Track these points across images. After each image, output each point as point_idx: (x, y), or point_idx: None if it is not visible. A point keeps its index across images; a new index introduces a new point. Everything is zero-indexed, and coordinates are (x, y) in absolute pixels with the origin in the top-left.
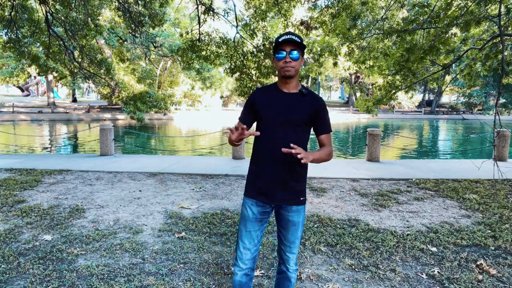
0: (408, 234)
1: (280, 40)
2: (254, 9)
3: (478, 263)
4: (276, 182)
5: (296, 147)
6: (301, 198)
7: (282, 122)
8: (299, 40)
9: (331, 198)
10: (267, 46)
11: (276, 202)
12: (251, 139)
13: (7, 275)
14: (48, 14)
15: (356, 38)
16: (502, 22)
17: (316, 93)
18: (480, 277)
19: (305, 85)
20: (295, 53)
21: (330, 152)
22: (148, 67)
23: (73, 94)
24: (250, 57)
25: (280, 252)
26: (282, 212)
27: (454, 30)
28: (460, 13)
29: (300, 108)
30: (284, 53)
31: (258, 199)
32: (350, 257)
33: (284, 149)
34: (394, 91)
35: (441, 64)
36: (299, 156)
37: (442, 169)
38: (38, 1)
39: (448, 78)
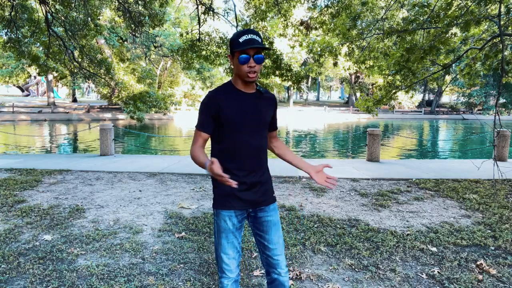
0: (408, 234)
1: (241, 40)
2: (254, 9)
3: (478, 263)
4: (252, 186)
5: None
6: (273, 195)
7: (251, 125)
8: (261, 40)
9: (331, 198)
10: (267, 46)
11: (256, 206)
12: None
13: (7, 275)
14: (48, 14)
15: (356, 38)
16: (502, 22)
17: (270, 90)
18: (480, 277)
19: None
20: (260, 56)
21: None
22: (148, 67)
23: (73, 94)
24: None
25: (266, 259)
26: (260, 215)
27: (454, 30)
28: (460, 13)
29: (266, 109)
30: (249, 56)
31: (236, 208)
32: (350, 257)
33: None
34: (394, 91)
35: (441, 64)
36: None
37: (442, 169)
38: (38, 1)
39: (448, 78)
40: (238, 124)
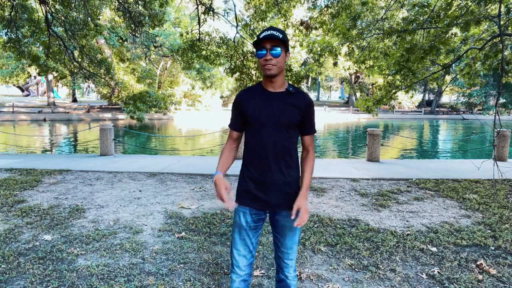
0: (408, 234)
1: (260, 36)
2: (254, 9)
3: (478, 263)
4: (269, 187)
5: (294, 211)
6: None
7: (272, 124)
8: (281, 35)
9: (331, 198)
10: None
11: (271, 208)
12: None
13: (7, 275)
14: (48, 14)
15: (356, 38)
16: (502, 22)
17: (305, 91)
18: (480, 277)
19: (293, 84)
20: (276, 50)
21: (313, 160)
22: (148, 67)
23: (73, 94)
24: (250, 57)
25: (278, 260)
26: (277, 218)
27: (454, 30)
28: (460, 13)
29: (291, 109)
30: (265, 50)
31: (251, 206)
32: (350, 257)
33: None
34: (394, 91)
35: (441, 64)
36: (296, 224)
37: (442, 169)
38: (38, 1)
39: (448, 78)
40: (257, 122)
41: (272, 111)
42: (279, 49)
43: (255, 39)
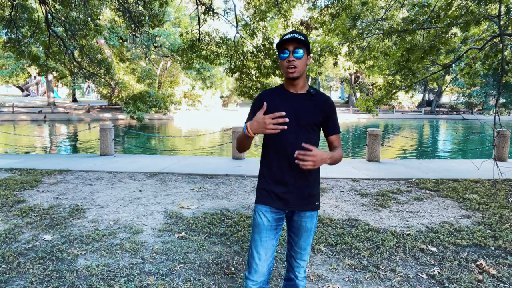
0: (408, 234)
1: (284, 38)
2: (254, 9)
3: (478, 263)
4: (289, 187)
5: (310, 146)
6: (316, 203)
7: (293, 125)
8: (303, 38)
9: (331, 198)
10: (267, 46)
11: (291, 208)
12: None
13: (7, 275)
14: (48, 14)
15: (356, 38)
16: (502, 22)
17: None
18: (480, 277)
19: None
20: (299, 52)
21: (342, 155)
22: (148, 67)
23: (73, 94)
24: (250, 57)
25: (289, 258)
26: (295, 218)
27: (454, 30)
28: (460, 13)
29: (311, 109)
30: (288, 52)
31: (272, 205)
32: (350, 257)
33: (297, 153)
34: (394, 91)
35: (441, 64)
36: (307, 164)
37: (442, 169)
38: (38, 1)
39: (448, 78)
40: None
41: (292, 112)
42: (301, 51)
43: (278, 41)
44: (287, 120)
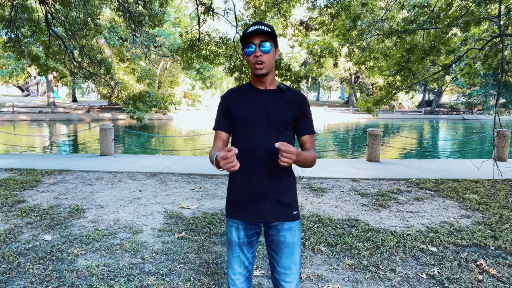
0: (408, 234)
1: (248, 31)
2: (254, 9)
3: (478, 263)
4: (260, 195)
5: (284, 143)
6: (294, 212)
7: (262, 123)
8: (269, 30)
9: (331, 198)
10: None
11: (265, 219)
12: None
13: (7, 275)
14: (48, 14)
15: (356, 39)
16: (502, 22)
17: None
18: (480, 277)
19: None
20: (266, 45)
21: (315, 157)
22: (148, 67)
23: (73, 94)
24: None
25: (274, 281)
26: (272, 232)
27: (454, 30)
28: (461, 13)
29: (282, 106)
30: (254, 46)
31: (242, 219)
32: (350, 257)
33: (277, 144)
34: (394, 91)
35: (441, 65)
36: (283, 160)
37: (442, 169)
38: (38, 1)
39: (448, 78)
40: (245, 121)
41: (262, 110)
42: (268, 44)
43: (242, 35)
44: (236, 165)
